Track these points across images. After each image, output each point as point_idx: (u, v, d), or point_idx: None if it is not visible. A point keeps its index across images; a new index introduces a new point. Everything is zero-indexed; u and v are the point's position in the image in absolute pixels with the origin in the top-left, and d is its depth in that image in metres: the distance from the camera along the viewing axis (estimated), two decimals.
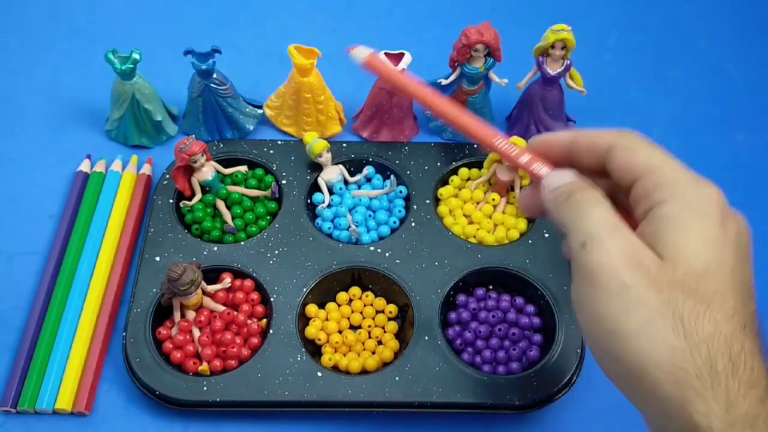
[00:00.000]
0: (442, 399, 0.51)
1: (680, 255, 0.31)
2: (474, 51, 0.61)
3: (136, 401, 0.54)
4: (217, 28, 0.78)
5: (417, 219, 0.61)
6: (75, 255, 0.59)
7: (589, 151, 0.36)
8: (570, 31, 0.61)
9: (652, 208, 0.33)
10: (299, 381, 0.52)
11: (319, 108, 0.65)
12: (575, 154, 0.37)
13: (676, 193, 0.32)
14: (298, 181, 0.63)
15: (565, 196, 0.35)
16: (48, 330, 0.55)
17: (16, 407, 0.52)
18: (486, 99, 0.66)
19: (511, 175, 0.61)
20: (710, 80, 0.76)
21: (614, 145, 0.35)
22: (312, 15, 0.80)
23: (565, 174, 0.36)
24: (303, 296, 0.56)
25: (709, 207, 0.32)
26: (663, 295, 0.30)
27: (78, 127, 0.69)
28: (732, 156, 0.69)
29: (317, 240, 0.59)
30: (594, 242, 0.32)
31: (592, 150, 0.36)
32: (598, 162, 0.36)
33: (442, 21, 0.79)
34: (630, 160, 0.34)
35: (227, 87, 0.64)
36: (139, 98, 0.63)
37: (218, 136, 0.66)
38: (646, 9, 0.83)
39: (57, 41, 0.76)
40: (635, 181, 0.34)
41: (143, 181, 0.64)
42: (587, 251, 0.32)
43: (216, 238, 0.60)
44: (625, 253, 0.31)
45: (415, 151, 0.65)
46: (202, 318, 0.54)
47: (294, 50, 0.62)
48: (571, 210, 0.34)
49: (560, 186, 0.36)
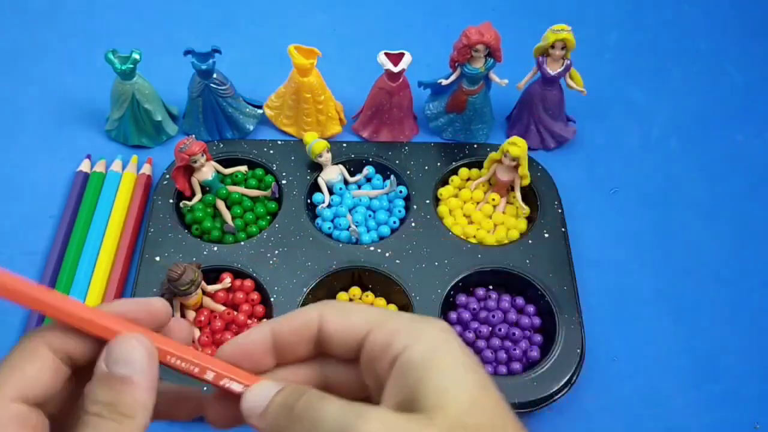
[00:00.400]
0: None
1: (446, 396, 0.28)
2: (474, 51, 0.61)
3: None
4: (217, 28, 0.78)
5: (417, 219, 0.61)
6: (75, 255, 0.59)
7: (298, 336, 0.31)
8: (570, 31, 0.61)
9: (395, 359, 0.29)
10: None
11: (319, 108, 0.65)
12: (280, 347, 0.31)
13: (414, 335, 0.29)
14: (298, 181, 0.63)
15: (285, 414, 0.29)
16: None
17: None
18: (486, 99, 0.66)
19: (511, 175, 0.61)
20: (710, 80, 0.76)
21: (323, 316, 0.31)
22: (312, 15, 0.80)
23: (261, 386, 0.30)
24: (303, 296, 0.56)
25: (450, 342, 0.29)
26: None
27: (78, 127, 0.69)
28: (732, 156, 0.69)
29: (317, 240, 0.59)
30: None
31: (301, 333, 0.31)
32: (308, 344, 0.31)
33: (442, 21, 0.79)
34: (347, 322, 0.30)
35: (227, 87, 0.64)
36: (139, 98, 0.63)
37: (218, 136, 0.66)
38: (646, 9, 0.83)
39: (57, 41, 0.76)
40: (360, 343, 0.30)
41: (143, 181, 0.64)
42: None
43: (216, 238, 0.60)
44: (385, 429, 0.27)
45: (415, 151, 0.65)
46: (202, 318, 0.54)
47: (294, 50, 0.62)
48: (303, 425, 0.28)
49: (270, 405, 0.29)
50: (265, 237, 0.59)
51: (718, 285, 0.61)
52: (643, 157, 0.69)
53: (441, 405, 0.27)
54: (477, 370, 0.28)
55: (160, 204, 0.61)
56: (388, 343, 0.29)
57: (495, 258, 0.58)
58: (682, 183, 0.67)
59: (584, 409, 0.54)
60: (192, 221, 0.60)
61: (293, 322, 0.31)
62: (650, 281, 0.61)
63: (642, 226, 0.64)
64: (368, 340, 0.30)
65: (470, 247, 0.59)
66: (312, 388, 0.29)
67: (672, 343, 0.58)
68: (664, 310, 0.59)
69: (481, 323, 0.56)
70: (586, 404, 0.55)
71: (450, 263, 0.58)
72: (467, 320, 0.56)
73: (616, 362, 0.56)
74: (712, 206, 0.66)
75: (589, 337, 0.55)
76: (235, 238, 0.60)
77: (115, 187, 0.63)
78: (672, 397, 0.55)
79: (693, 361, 0.57)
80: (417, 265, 0.58)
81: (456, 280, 0.57)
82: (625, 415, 0.54)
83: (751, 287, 0.61)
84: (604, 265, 0.61)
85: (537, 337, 0.56)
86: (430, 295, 0.56)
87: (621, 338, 0.58)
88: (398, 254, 0.58)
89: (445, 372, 0.28)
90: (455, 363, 0.28)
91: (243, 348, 0.31)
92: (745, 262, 0.62)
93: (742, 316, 0.59)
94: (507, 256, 0.58)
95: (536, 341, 0.55)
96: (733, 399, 0.55)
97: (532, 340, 0.55)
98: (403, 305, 0.57)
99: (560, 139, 0.68)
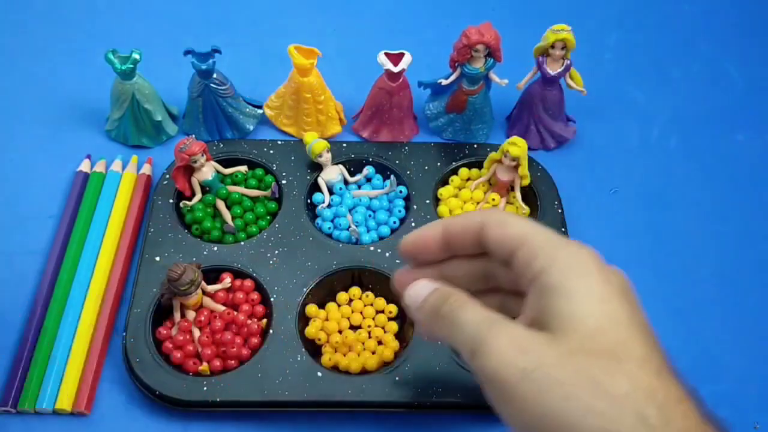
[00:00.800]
0: (442, 399, 0.51)
1: (573, 320, 0.30)
2: (474, 51, 0.61)
3: (136, 401, 0.53)
4: (217, 28, 0.78)
5: (417, 219, 0.61)
6: (75, 255, 0.59)
7: (463, 235, 0.36)
8: (570, 31, 0.61)
9: (535, 278, 0.32)
10: (299, 381, 0.52)
11: (319, 108, 0.65)
12: (451, 242, 0.37)
13: (555, 258, 0.32)
14: (298, 181, 0.63)
15: (433, 314, 0.35)
16: (48, 330, 0.55)
17: (16, 407, 0.52)
18: (486, 99, 0.66)
19: (511, 175, 0.61)
20: (710, 80, 0.76)
21: (485, 223, 0.35)
22: (312, 15, 0.80)
23: (420, 285, 0.36)
24: (303, 296, 0.56)
25: (588, 266, 0.32)
26: (569, 366, 0.29)
27: (78, 127, 0.69)
28: (732, 156, 0.69)
29: (317, 240, 0.59)
30: (480, 348, 0.31)
31: (466, 233, 0.36)
32: (473, 244, 0.36)
33: (443, 21, 0.79)
34: (503, 234, 0.34)
35: (227, 87, 0.64)
36: (139, 98, 0.63)
37: (218, 136, 0.66)
38: (646, 9, 0.83)
39: (57, 41, 0.76)
40: (512, 254, 0.34)
41: (143, 181, 0.64)
42: (478, 359, 0.31)
43: (216, 238, 0.60)
44: (512, 345, 0.31)
45: (415, 151, 0.65)
46: (202, 318, 0.54)
47: (294, 50, 0.62)
48: (445, 325, 0.34)
49: (424, 303, 0.36)
50: (265, 237, 0.59)
51: (718, 285, 0.61)
52: (643, 157, 0.69)
53: (567, 328, 0.30)
54: (610, 300, 0.31)
55: (160, 204, 0.61)
56: (530, 263, 0.33)
57: None
58: (682, 183, 0.67)
59: None
60: (192, 221, 0.60)
61: (461, 220, 0.37)
62: (650, 281, 0.61)
63: (642, 226, 0.64)
64: (516, 255, 0.33)
65: None
66: (460, 292, 0.35)
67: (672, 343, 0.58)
68: (663, 310, 0.59)
69: None
70: None
71: None
72: None
73: None
74: (712, 206, 0.66)
75: None
76: (235, 238, 0.60)
77: (115, 187, 0.63)
78: None
79: (693, 361, 0.57)
80: None
81: None
82: None
83: (751, 287, 0.61)
84: None
85: None
86: None
87: None
88: (398, 254, 0.58)
89: (576, 299, 0.31)
90: (588, 291, 0.31)
91: (421, 239, 0.38)
92: (745, 262, 0.62)
93: (742, 316, 0.59)
94: None
95: None
96: (733, 399, 0.55)
97: None
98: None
99: (560, 139, 0.68)
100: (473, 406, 0.52)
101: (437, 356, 0.53)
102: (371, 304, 0.57)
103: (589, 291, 0.31)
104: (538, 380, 0.29)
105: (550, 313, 0.31)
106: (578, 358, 0.29)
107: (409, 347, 0.54)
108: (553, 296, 0.31)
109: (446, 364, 0.53)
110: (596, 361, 0.29)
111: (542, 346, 0.30)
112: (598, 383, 0.28)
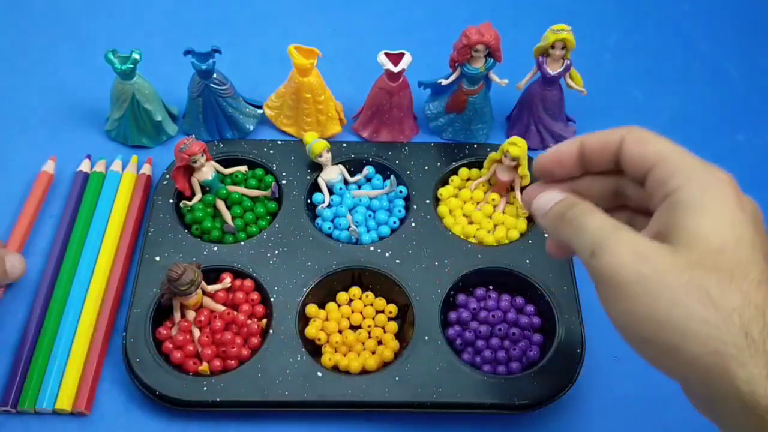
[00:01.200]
0: (442, 399, 0.51)
1: (698, 235, 0.32)
2: (474, 51, 0.61)
3: (136, 401, 0.54)
4: (217, 28, 0.78)
5: (417, 219, 0.61)
6: (75, 255, 0.59)
7: (601, 151, 0.37)
8: (570, 31, 0.61)
9: (668, 195, 0.33)
10: (299, 381, 0.52)
11: (319, 108, 0.65)
12: (587, 158, 0.38)
13: (691, 177, 0.33)
14: (298, 181, 0.63)
15: (558, 218, 0.36)
16: (48, 330, 0.55)
17: (16, 407, 0.52)
18: (486, 99, 0.66)
19: (511, 175, 0.61)
20: (710, 80, 0.76)
21: (625, 139, 0.36)
22: (312, 15, 0.80)
23: (549, 195, 0.38)
24: (303, 296, 0.56)
25: (724, 188, 0.33)
26: (684, 275, 0.31)
27: (78, 127, 0.69)
28: (732, 156, 0.69)
29: (317, 240, 0.59)
30: (600, 248, 0.33)
31: (604, 149, 0.37)
32: (609, 161, 0.37)
33: (442, 21, 0.79)
34: (642, 151, 0.35)
35: (227, 87, 0.64)
36: (139, 98, 0.63)
37: (218, 136, 0.66)
38: (646, 9, 0.83)
39: (57, 41, 0.76)
40: (648, 171, 0.35)
41: (143, 181, 0.64)
42: (597, 259, 0.33)
43: (216, 238, 0.60)
44: (632, 248, 0.32)
45: (415, 151, 0.65)
46: (202, 318, 0.54)
47: (294, 50, 0.62)
48: (569, 228, 0.36)
49: (550, 210, 0.37)
50: (265, 237, 0.59)
51: None
52: None
53: (690, 243, 0.32)
54: (739, 224, 0.32)
55: (160, 204, 0.61)
56: (666, 180, 0.34)
57: (495, 258, 0.58)
58: None
59: (584, 409, 0.54)
60: (192, 221, 0.60)
61: (599, 137, 0.37)
62: None
63: None
64: (653, 172, 0.34)
65: (470, 247, 0.59)
66: (586, 202, 0.36)
67: None
68: None
69: (480, 323, 0.56)
70: (586, 404, 0.55)
71: (450, 263, 0.58)
72: (467, 320, 0.56)
73: (617, 362, 0.56)
74: None
75: (589, 337, 0.55)
76: (235, 238, 0.60)
77: (115, 187, 0.63)
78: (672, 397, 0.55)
79: None
80: (417, 265, 0.58)
81: (456, 280, 0.57)
82: (626, 415, 0.54)
83: None
84: None
85: (537, 337, 0.56)
86: (430, 295, 0.56)
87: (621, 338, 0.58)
88: (398, 254, 0.58)
89: (706, 216, 0.32)
90: (721, 211, 0.32)
91: (558, 153, 0.38)
92: None
93: None
94: (507, 256, 0.58)
95: (536, 341, 0.55)
96: None
97: (532, 340, 0.55)
98: (403, 305, 0.57)
99: (560, 139, 0.68)
100: (473, 406, 0.52)
101: (437, 356, 0.53)
102: (371, 304, 0.57)
103: (720, 211, 0.32)
104: (651, 284, 0.31)
105: (677, 227, 0.32)
106: (695, 271, 0.31)
107: (409, 347, 0.54)
108: (682, 211, 0.32)
109: (446, 364, 0.53)
110: (712, 275, 0.31)
111: (662, 255, 0.32)
112: (709, 295, 0.30)
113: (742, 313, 0.30)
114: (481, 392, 0.52)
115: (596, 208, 0.35)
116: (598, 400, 0.55)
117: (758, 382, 0.29)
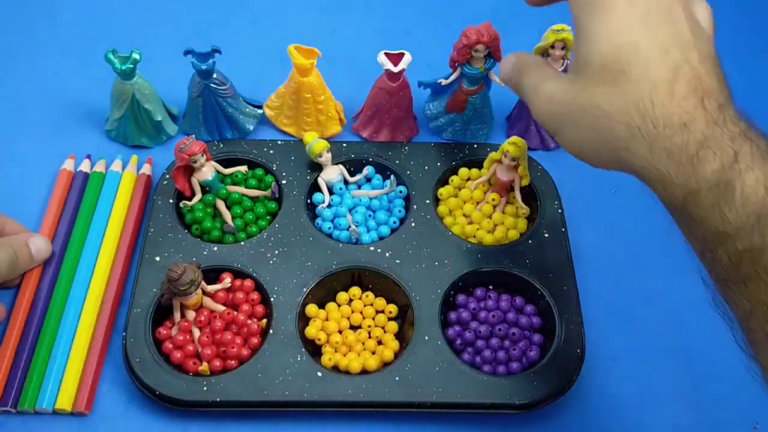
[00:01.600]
0: (442, 399, 0.51)
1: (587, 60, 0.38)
2: (474, 51, 0.61)
3: (136, 401, 0.54)
4: (217, 28, 0.78)
5: (417, 219, 0.61)
6: (75, 255, 0.59)
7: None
8: (570, 31, 0.61)
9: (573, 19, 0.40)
10: (299, 381, 0.52)
11: (319, 108, 0.65)
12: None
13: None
14: (298, 181, 0.63)
15: (507, 80, 0.46)
16: (48, 330, 0.55)
17: (16, 407, 0.52)
18: (486, 99, 0.66)
19: (511, 175, 0.61)
20: None
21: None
22: (312, 15, 0.80)
23: (506, 58, 0.47)
24: (303, 296, 0.56)
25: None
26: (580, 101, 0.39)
27: (78, 127, 0.69)
28: None
29: (317, 240, 0.59)
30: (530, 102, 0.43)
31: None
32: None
33: (442, 21, 0.79)
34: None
35: (227, 87, 0.64)
36: (139, 98, 0.63)
37: (218, 136, 0.66)
38: None
39: (57, 41, 0.76)
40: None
41: (143, 181, 0.64)
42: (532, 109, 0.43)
43: (216, 238, 0.60)
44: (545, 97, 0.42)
45: (415, 151, 0.65)
46: (202, 318, 0.54)
47: (294, 50, 0.62)
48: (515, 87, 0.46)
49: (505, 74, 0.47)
50: (265, 237, 0.59)
51: None
52: None
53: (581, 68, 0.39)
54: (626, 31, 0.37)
55: (160, 204, 0.61)
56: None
57: (495, 258, 0.58)
58: None
59: (584, 409, 0.54)
60: (192, 221, 0.60)
61: None
62: (650, 281, 0.61)
63: (642, 225, 0.64)
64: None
65: (470, 247, 0.59)
66: (538, 59, 0.46)
67: (672, 343, 0.58)
68: (664, 310, 0.59)
69: (480, 323, 0.56)
70: (586, 404, 0.55)
71: (450, 263, 0.58)
72: (467, 320, 0.56)
73: (616, 362, 0.56)
74: None
75: (589, 337, 0.55)
76: (235, 238, 0.60)
77: (115, 187, 0.63)
78: (672, 397, 0.55)
79: (693, 360, 0.57)
80: (417, 265, 0.58)
81: (456, 280, 0.57)
82: (625, 415, 0.55)
83: None
84: (604, 264, 0.61)
85: (536, 337, 0.56)
86: (430, 295, 0.56)
87: (621, 338, 0.58)
88: (398, 254, 0.58)
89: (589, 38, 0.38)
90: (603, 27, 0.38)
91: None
92: None
93: None
94: (507, 256, 0.59)
95: (536, 341, 0.55)
96: (733, 399, 0.55)
97: (532, 340, 0.56)
98: (403, 305, 0.57)
99: None
100: (473, 406, 0.52)
101: (437, 356, 0.53)
102: (371, 304, 0.57)
103: (604, 27, 0.37)
104: (561, 119, 0.41)
105: (576, 57, 0.39)
106: (587, 93, 0.38)
107: (409, 347, 0.54)
108: (576, 40, 0.39)
109: (446, 364, 0.53)
110: (600, 89, 0.37)
111: (564, 91, 0.40)
112: (600, 108, 0.37)
113: (628, 111, 0.36)
114: (481, 392, 0.52)
115: (532, 66, 0.44)
116: (598, 400, 0.55)
117: (646, 159, 0.37)
